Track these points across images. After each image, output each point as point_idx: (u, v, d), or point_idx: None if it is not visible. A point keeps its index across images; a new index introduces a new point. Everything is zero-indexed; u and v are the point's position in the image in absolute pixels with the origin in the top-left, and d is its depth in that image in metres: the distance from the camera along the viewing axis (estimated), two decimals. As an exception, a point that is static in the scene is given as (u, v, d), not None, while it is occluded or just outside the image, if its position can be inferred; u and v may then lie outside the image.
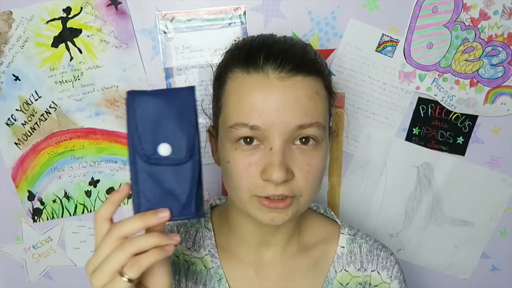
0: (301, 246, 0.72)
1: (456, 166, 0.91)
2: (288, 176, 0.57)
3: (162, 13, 0.85)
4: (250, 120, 0.57)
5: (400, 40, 0.85)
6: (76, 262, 0.99)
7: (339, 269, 0.71)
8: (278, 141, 0.57)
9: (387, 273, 0.71)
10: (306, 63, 0.59)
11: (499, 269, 0.96)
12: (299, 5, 0.84)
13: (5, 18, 0.85)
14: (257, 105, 0.57)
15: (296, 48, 0.61)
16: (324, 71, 0.63)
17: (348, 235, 0.73)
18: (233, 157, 0.59)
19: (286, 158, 0.57)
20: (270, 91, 0.57)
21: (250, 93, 0.58)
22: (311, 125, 0.58)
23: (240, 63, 0.60)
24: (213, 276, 0.71)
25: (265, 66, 0.58)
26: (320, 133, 0.59)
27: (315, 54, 0.63)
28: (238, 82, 0.60)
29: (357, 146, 0.91)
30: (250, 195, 0.59)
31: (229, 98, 0.61)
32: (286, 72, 0.58)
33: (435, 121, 0.89)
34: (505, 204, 0.92)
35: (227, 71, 0.62)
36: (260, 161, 0.58)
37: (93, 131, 0.92)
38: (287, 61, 0.58)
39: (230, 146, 0.59)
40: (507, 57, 0.84)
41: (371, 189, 0.94)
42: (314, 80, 0.60)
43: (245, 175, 0.58)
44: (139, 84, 0.89)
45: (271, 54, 0.58)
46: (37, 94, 0.89)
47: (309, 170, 0.59)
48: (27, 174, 0.94)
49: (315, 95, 0.59)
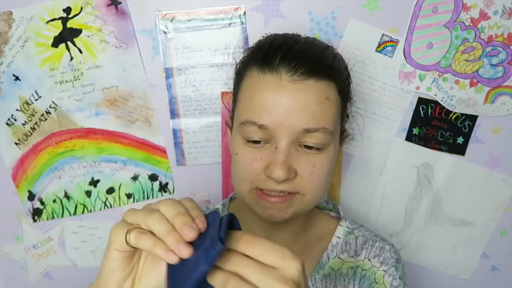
0: (304, 243, 0.73)
1: (456, 166, 0.91)
2: (289, 175, 0.59)
3: (162, 13, 0.85)
4: (260, 119, 0.59)
5: (400, 40, 0.85)
6: (76, 262, 1.00)
7: (332, 256, 0.71)
8: (284, 141, 0.58)
9: (378, 259, 0.71)
10: (320, 67, 0.60)
11: (499, 269, 0.96)
12: (299, 5, 0.84)
13: (5, 18, 0.85)
14: (267, 105, 0.59)
15: (314, 51, 0.62)
16: (340, 76, 0.63)
17: (346, 228, 0.74)
18: (242, 151, 0.62)
19: (291, 158, 0.59)
20: (281, 92, 0.58)
21: (262, 93, 0.59)
22: (317, 129, 0.59)
23: (257, 62, 0.62)
24: None
25: (279, 67, 0.59)
26: (326, 138, 0.60)
27: (334, 57, 0.64)
28: (253, 80, 0.61)
29: (357, 146, 0.91)
30: (251, 187, 0.62)
31: (243, 95, 0.63)
32: (299, 75, 0.59)
33: (435, 121, 0.89)
34: (505, 204, 0.92)
35: (246, 68, 0.64)
36: (266, 157, 0.60)
37: (93, 131, 0.92)
38: (302, 64, 0.59)
39: (241, 139, 0.62)
40: (507, 57, 0.84)
41: (371, 189, 0.94)
42: (327, 85, 0.60)
43: (250, 168, 0.61)
44: (139, 84, 0.89)
45: (287, 56, 0.60)
46: (37, 94, 0.89)
47: (313, 171, 0.60)
48: (27, 174, 0.94)
49: (325, 100, 0.60)
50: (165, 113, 0.90)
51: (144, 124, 0.91)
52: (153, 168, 0.94)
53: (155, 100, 0.90)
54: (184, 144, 0.92)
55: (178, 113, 0.90)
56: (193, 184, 0.94)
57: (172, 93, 0.89)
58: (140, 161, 0.94)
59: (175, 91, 0.89)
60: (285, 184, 0.59)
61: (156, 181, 0.95)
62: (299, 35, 0.67)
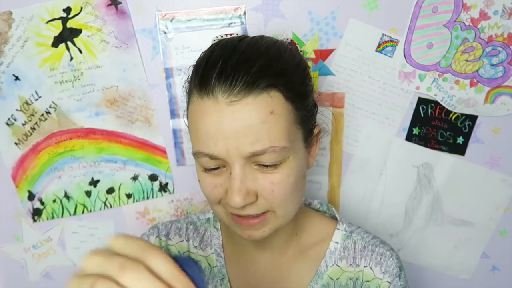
0: (299, 247, 0.71)
1: (456, 166, 0.91)
2: (248, 200, 0.57)
3: (162, 13, 0.85)
4: (209, 150, 0.56)
5: (400, 40, 0.85)
6: (76, 262, 1.00)
7: (330, 264, 0.69)
8: (236, 166, 0.56)
9: (380, 268, 0.68)
10: (259, 79, 0.54)
11: (499, 269, 0.96)
12: (299, 5, 0.84)
13: (5, 18, 0.85)
14: (211, 134, 0.55)
15: (253, 61, 0.55)
16: (287, 79, 0.57)
17: (344, 231, 0.72)
18: (202, 178, 0.60)
19: (248, 180, 0.56)
20: (221, 118, 0.54)
21: (204, 121, 0.56)
22: (264, 151, 0.54)
23: (195, 85, 0.57)
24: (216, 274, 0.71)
25: (215, 89, 0.54)
26: (279, 156, 0.56)
27: (279, 59, 0.58)
28: (195, 107, 0.58)
29: (357, 146, 0.91)
30: (224, 210, 0.61)
31: (191, 123, 0.60)
32: (235, 95, 0.54)
33: (435, 121, 0.89)
34: (505, 204, 0.92)
35: (190, 90, 0.60)
36: (224, 183, 0.58)
37: (93, 131, 0.92)
38: (237, 81, 0.54)
39: (199, 167, 0.60)
40: (507, 57, 0.84)
41: (371, 189, 0.94)
42: (269, 97, 0.55)
43: (213, 195, 0.60)
44: (139, 84, 0.89)
45: (223, 73, 0.54)
46: (37, 94, 0.89)
47: (273, 188, 0.57)
48: (27, 174, 0.94)
49: (268, 116, 0.54)
50: (165, 113, 0.90)
51: (144, 124, 0.91)
52: (153, 168, 0.94)
53: (155, 100, 0.90)
54: (184, 144, 0.92)
55: (178, 113, 0.90)
56: (193, 184, 0.94)
57: (172, 93, 0.89)
58: (140, 161, 0.94)
59: (175, 91, 0.89)
60: (249, 208, 0.58)
61: (156, 181, 0.95)
62: (244, 37, 0.61)
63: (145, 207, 0.96)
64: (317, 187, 0.95)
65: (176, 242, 0.76)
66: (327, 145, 0.92)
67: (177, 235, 0.76)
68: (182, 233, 0.76)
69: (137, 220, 0.96)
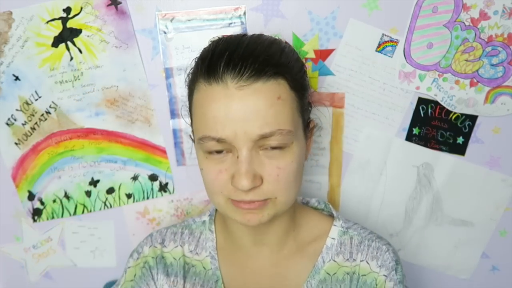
0: (297, 243, 0.72)
1: (456, 166, 0.91)
2: (255, 183, 0.58)
3: (162, 13, 0.85)
4: (216, 134, 0.58)
5: (400, 40, 0.85)
6: (76, 262, 1.00)
7: (327, 259, 0.70)
8: (244, 150, 0.58)
9: (377, 262, 0.69)
10: (267, 67, 0.58)
11: (499, 269, 0.96)
12: (299, 5, 0.84)
13: (5, 18, 0.85)
14: (220, 118, 0.57)
15: (259, 51, 0.59)
16: (290, 70, 0.61)
17: (340, 228, 0.72)
18: (205, 165, 0.62)
19: (254, 164, 0.59)
20: (230, 102, 0.57)
21: (212, 105, 0.58)
22: (272, 133, 0.57)
23: (203, 74, 0.60)
24: (210, 277, 0.72)
25: (224, 76, 0.57)
26: (285, 139, 0.59)
27: (282, 52, 0.62)
28: (202, 94, 0.60)
29: (357, 146, 0.91)
30: (225, 199, 0.62)
31: (196, 109, 0.62)
32: (245, 80, 0.57)
33: (435, 121, 0.89)
34: (505, 204, 0.92)
35: (195, 80, 0.62)
36: (230, 168, 0.60)
37: (93, 131, 0.92)
38: (246, 68, 0.57)
39: (202, 154, 0.62)
40: (507, 57, 0.84)
41: (371, 189, 0.94)
42: (276, 84, 0.58)
43: (217, 181, 0.61)
44: (139, 84, 0.89)
45: (231, 61, 0.57)
46: (37, 94, 0.89)
47: (279, 173, 0.59)
48: (27, 174, 0.94)
49: (276, 101, 0.58)
50: (165, 113, 0.90)
51: (144, 124, 0.91)
52: (153, 168, 0.94)
53: (155, 100, 0.90)
54: (184, 144, 0.92)
55: (178, 113, 0.90)
56: (193, 184, 0.94)
57: (172, 93, 0.89)
58: (140, 161, 0.94)
59: (175, 91, 0.89)
60: (254, 193, 0.59)
61: (156, 181, 0.95)
62: (244, 35, 0.64)
63: (145, 207, 0.96)
64: (317, 187, 0.95)
65: (171, 249, 0.76)
66: (327, 145, 0.92)
67: (172, 241, 0.77)
68: (177, 238, 0.77)
69: (137, 220, 0.96)
